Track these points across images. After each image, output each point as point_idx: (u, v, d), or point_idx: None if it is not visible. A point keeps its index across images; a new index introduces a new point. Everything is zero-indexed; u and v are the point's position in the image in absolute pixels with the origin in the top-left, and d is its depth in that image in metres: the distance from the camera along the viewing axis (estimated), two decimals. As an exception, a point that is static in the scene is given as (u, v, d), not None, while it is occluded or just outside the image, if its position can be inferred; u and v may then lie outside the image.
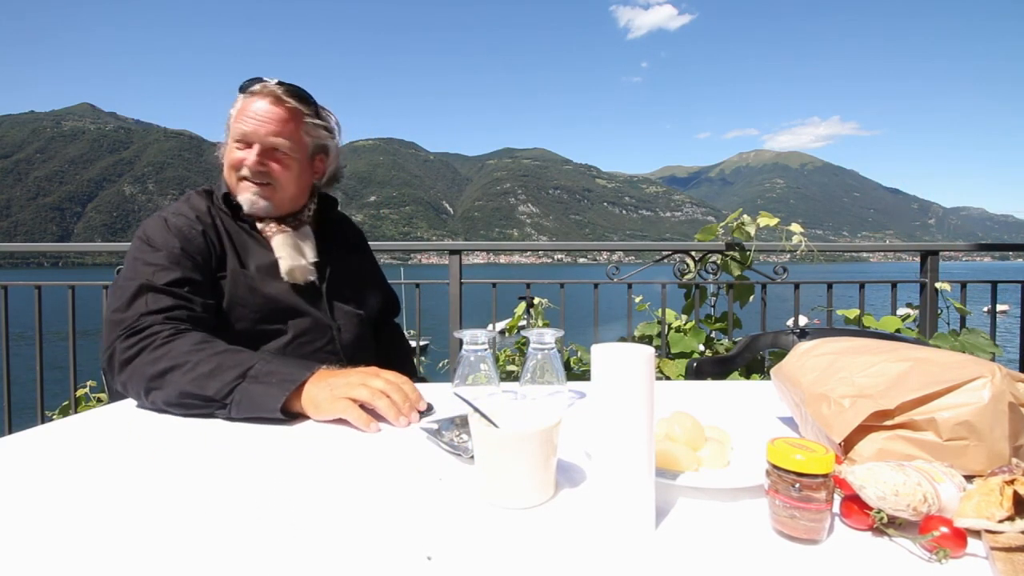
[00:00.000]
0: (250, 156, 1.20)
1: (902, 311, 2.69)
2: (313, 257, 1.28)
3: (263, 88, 1.22)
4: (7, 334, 2.42)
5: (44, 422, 1.24)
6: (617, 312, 2.72)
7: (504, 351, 2.94)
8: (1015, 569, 0.46)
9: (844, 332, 1.63)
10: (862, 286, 2.69)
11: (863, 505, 0.54)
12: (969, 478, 0.59)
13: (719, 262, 2.68)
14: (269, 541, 0.54)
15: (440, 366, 3.14)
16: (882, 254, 3.89)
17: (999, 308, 2.65)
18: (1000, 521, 0.50)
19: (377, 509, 0.60)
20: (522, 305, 2.81)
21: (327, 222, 1.41)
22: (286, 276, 1.22)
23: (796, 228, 2.67)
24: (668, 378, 2.44)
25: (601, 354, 0.55)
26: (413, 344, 2.44)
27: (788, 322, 2.42)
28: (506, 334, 2.94)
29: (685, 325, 2.64)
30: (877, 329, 2.50)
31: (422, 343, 2.85)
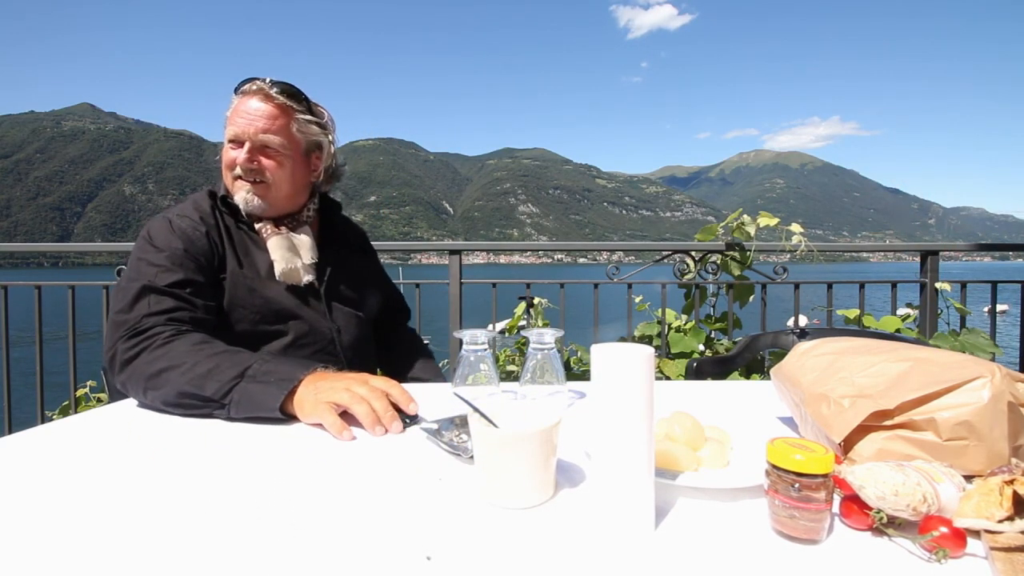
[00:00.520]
0: (241, 154, 1.20)
1: (902, 311, 2.69)
2: (311, 259, 1.28)
3: (253, 86, 1.22)
4: (7, 334, 2.42)
5: (44, 422, 1.24)
6: (617, 312, 2.72)
7: (504, 351, 2.94)
8: (1015, 569, 0.46)
9: (844, 332, 1.63)
10: (862, 286, 2.69)
11: (863, 505, 0.54)
12: (969, 478, 0.59)
13: (719, 262, 2.68)
14: (269, 541, 0.54)
15: (440, 366, 3.14)
16: (882, 254, 3.89)
17: (999, 308, 2.64)
18: (1000, 521, 0.50)
19: (377, 509, 0.60)
20: (522, 305, 2.81)
21: (330, 225, 1.41)
22: (280, 278, 1.22)
23: (796, 228, 2.67)
24: (668, 378, 2.44)
25: (601, 354, 0.55)
26: None
27: (788, 322, 2.42)
28: (506, 334, 2.94)
29: (685, 325, 2.64)
30: (877, 329, 2.50)
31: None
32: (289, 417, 0.91)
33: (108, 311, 1.85)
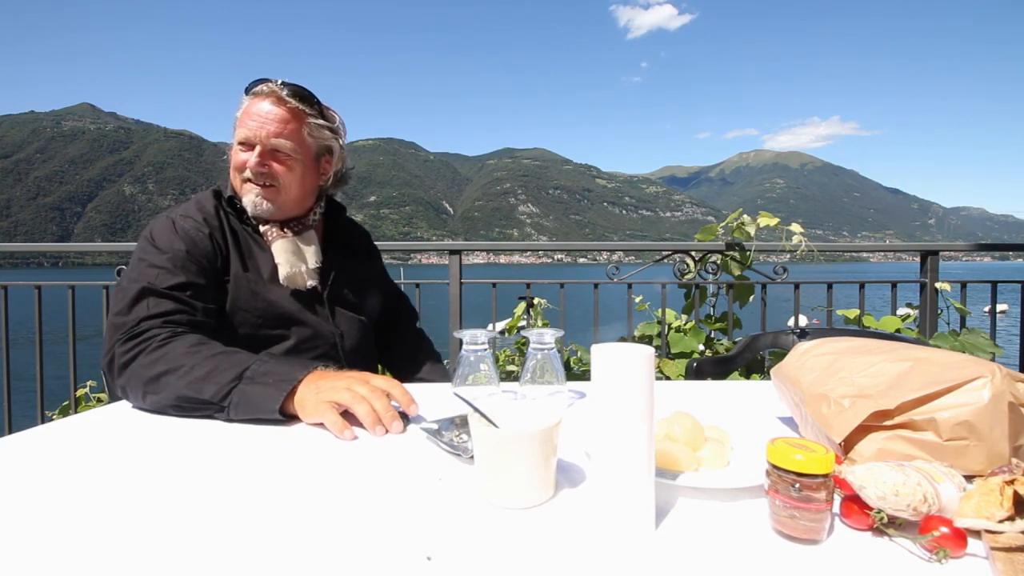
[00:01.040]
0: (252, 158, 1.19)
1: (902, 311, 2.69)
2: (315, 263, 1.27)
3: (265, 89, 1.21)
4: (7, 334, 2.42)
5: (44, 422, 1.24)
6: (617, 312, 2.72)
7: (504, 351, 2.94)
8: (1015, 569, 0.46)
9: (844, 332, 1.63)
10: (862, 286, 2.69)
11: (863, 505, 0.54)
12: (969, 478, 0.59)
13: (719, 262, 2.68)
14: (269, 541, 0.54)
15: (441, 366, 3.14)
16: (882, 254, 3.89)
17: (999, 308, 2.64)
18: (1000, 521, 0.50)
19: (377, 509, 0.60)
20: (522, 305, 2.81)
21: (334, 228, 1.40)
22: (285, 282, 1.22)
23: (796, 228, 2.67)
24: (668, 378, 2.44)
25: (601, 354, 0.55)
26: None
27: (788, 322, 2.42)
28: (506, 334, 2.94)
29: (685, 325, 2.64)
30: (877, 329, 2.50)
31: None
32: (289, 418, 0.91)
33: (108, 312, 1.85)
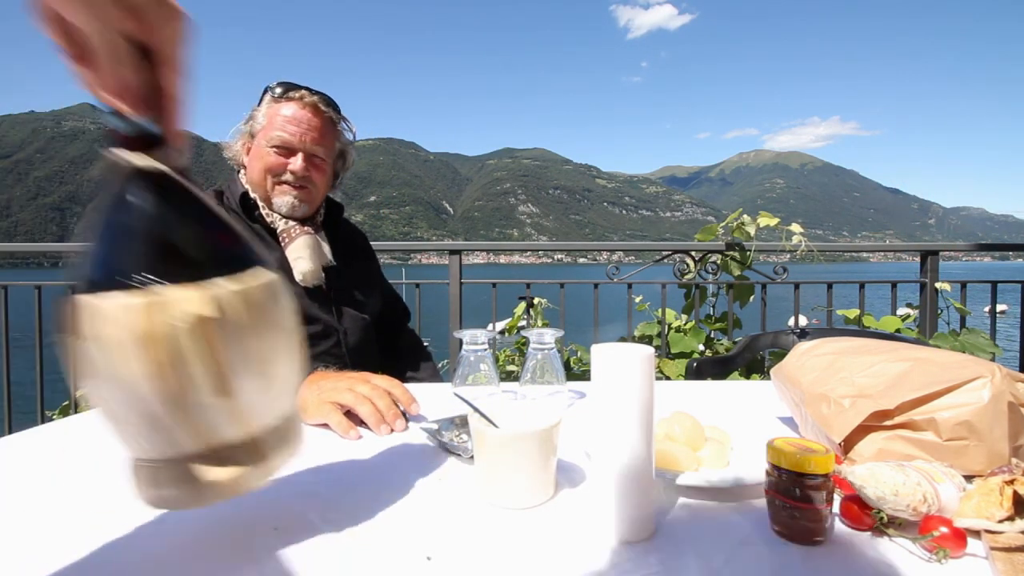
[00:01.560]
0: (295, 162, 1.25)
1: (902, 311, 2.69)
2: (331, 260, 1.30)
3: (303, 96, 1.26)
4: (7, 334, 2.42)
5: (44, 422, 1.24)
6: (617, 312, 2.72)
7: (504, 351, 2.94)
8: (1015, 569, 0.46)
9: (844, 332, 1.63)
10: (862, 286, 2.69)
11: (863, 505, 0.54)
12: (969, 478, 0.59)
13: (719, 262, 2.68)
14: (269, 541, 0.53)
15: (440, 366, 3.14)
16: (882, 254, 3.89)
17: (999, 308, 2.64)
18: (1000, 521, 0.50)
19: (377, 509, 0.60)
20: (522, 305, 2.81)
21: (333, 226, 1.42)
22: (300, 277, 1.23)
23: (796, 228, 2.67)
24: (668, 378, 2.44)
25: (601, 354, 0.55)
26: None
27: (788, 322, 2.43)
28: (506, 334, 2.94)
29: (685, 325, 2.64)
30: (877, 329, 2.50)
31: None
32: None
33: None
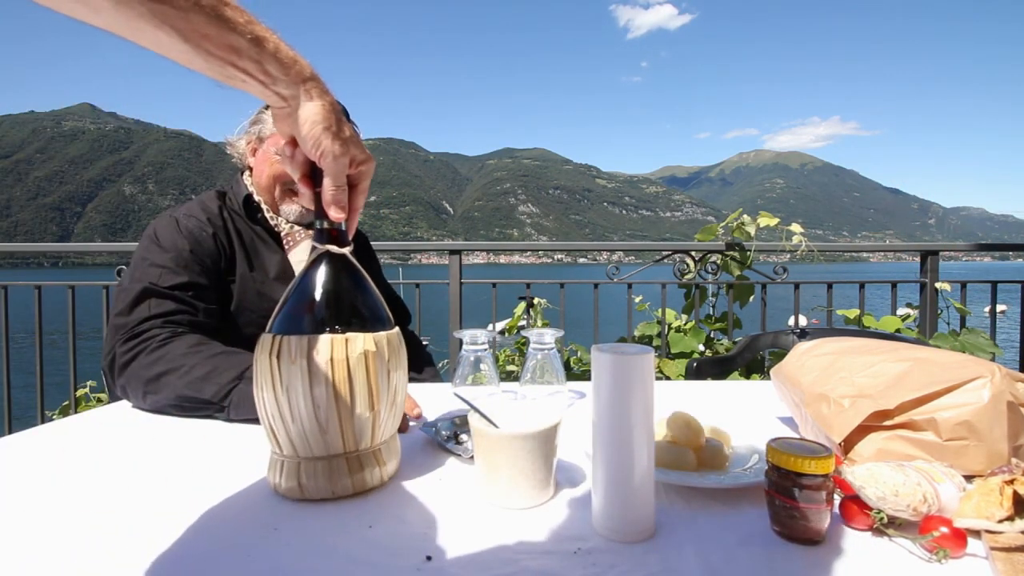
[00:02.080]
0: None
1: (902, 311, 2.69)
2: None
3: None
4: (7, 334, 2.42)
5: (44, 422, 1.24)
6: (617, 312, 2.72)
7: (504, 351, 2.94)
8: (1015, 569, 0.46)
9: (844, 332, 1.63)
10: (862, 286, 2.69)
11: (863, 505, 0.54)
12: (969, 478, 0.59)
13: (719, 262, 2.68)
14: (269, 541, 0.54)
15: (440, 366, 3.15)
16: (882, 254, 3.89)
17: (999, 308, 2.65)
18: (1000, 521, 0.50)
19: (377, 509, 0.60)
20: (522, 305, 2.81)
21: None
22: None
23: (796, 228, 2.67)
24: (668, 378, 2.44)
25: (600, 355, 0.55)
26: None
27: (788, 322, 2.43)
28: (506, 334, 2.94)
29: (685, 325, 2.64)
30: (877, 329, 2.50)
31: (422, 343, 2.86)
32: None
33: (108, 312, 1.84)
